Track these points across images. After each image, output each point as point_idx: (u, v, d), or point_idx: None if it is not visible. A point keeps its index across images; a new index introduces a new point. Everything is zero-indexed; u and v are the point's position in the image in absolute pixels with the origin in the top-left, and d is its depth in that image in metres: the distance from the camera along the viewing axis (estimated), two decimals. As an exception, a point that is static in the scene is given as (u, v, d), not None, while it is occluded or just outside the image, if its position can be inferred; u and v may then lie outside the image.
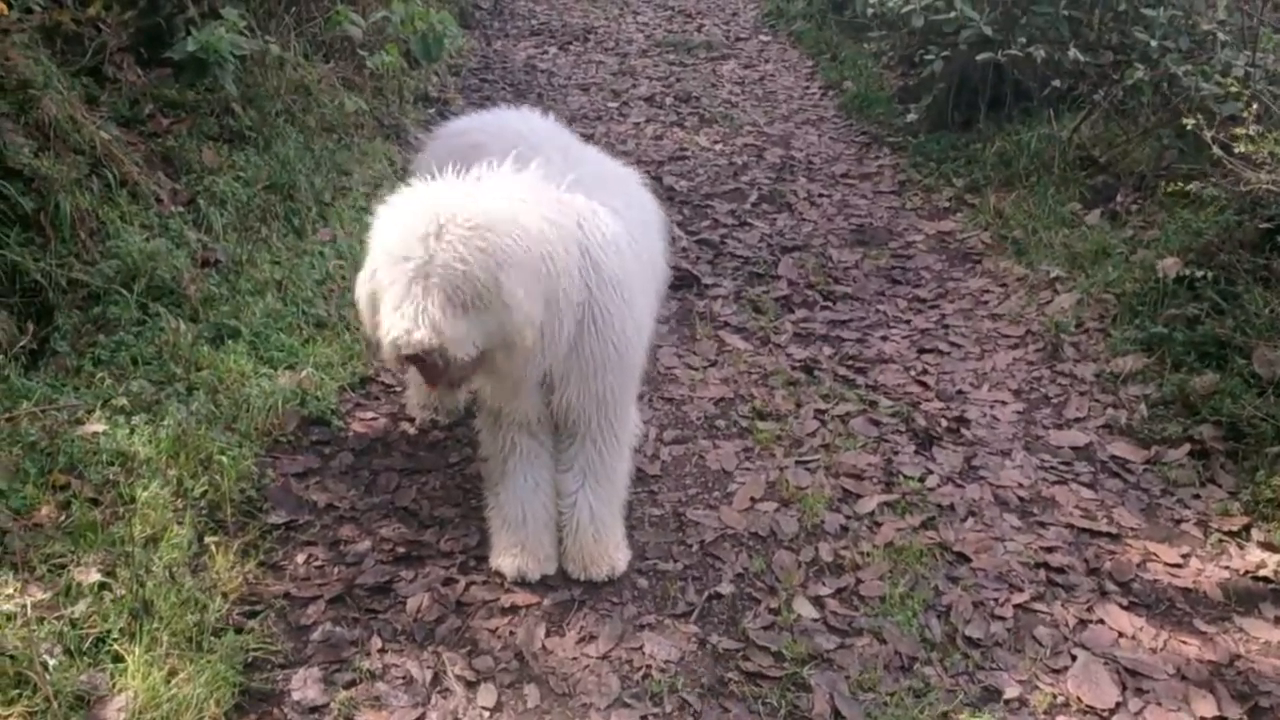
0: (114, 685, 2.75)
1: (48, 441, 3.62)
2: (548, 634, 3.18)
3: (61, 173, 4.84)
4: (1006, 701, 3.01)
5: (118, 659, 2.82)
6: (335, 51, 7.22)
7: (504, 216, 2.74)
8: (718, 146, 7.61)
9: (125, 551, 3.10)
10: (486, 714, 2.89)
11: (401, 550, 3.49)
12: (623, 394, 3.28)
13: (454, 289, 2.64)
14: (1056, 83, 6.05)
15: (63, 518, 3.33)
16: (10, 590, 2.93)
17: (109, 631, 2.88)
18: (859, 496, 3.86)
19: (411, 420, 4.21)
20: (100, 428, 3.74)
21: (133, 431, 3.74)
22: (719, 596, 3.36)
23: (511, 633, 3.18)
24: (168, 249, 4.82)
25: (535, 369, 2.98)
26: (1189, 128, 4.16)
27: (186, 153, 5.74)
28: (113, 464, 3.60)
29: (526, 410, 3.21)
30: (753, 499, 3.81)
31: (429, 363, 2.72)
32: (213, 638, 2.97)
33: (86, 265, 4.70)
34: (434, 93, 8.29)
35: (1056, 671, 3.14)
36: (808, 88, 9.11)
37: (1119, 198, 5.63)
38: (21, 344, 4.24)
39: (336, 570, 3.40)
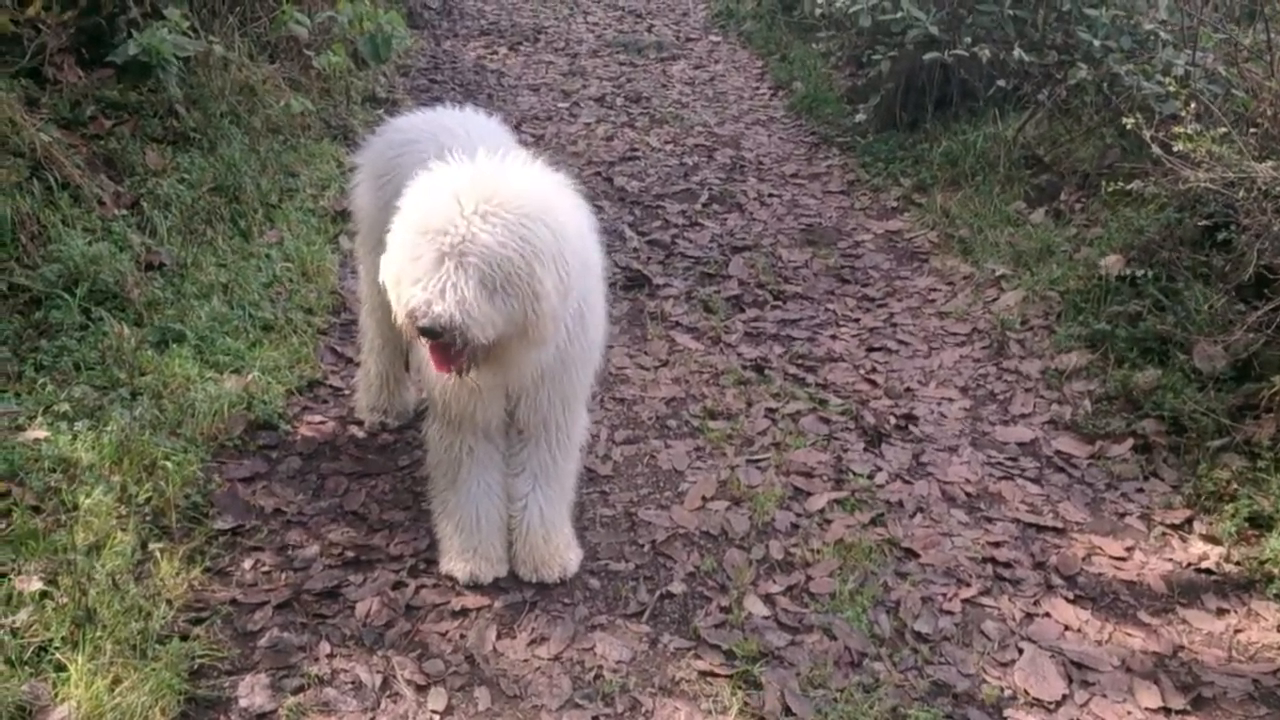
0: (56, 695, 2.71)
1: (-13, 449, 3.56)
2: (499, 636, 3.17)
3: (1, 176, 4.76)
4: (955, 695, 3.04)
5: (60, 668, 2.78)
6: (281, 52, 7.15)
7: (547, 206, 2.74)
8: (668, 147, 7.62)
9: (67, 559, 3.05)
10: (437, 717, 2.88)
11: (350, 554, 3.47)
12: (584, 392, 3.30)
13: (489, 270, 2.62)
14: (1002, 82, 6.12)
15: (3, 526, 3.27)
16: (-52, 599, 2.88)
17: (51, 640, 2.83)
18: (809, 494, 3.88)
19: (360, 423, 4.18)
20: (42, 434, 3.69)
21: (75, 438, 3.69)
22: (670, 596, 3.36)
23: (462, 636, 3.17)
24: (111, 252, 4.75)
25: (535, 364, 2.96)
26: (1129, 126, 4.21)
27: (129, 155, 5.66)
28: (55, 470, 3.55)
29: (489, 414, 3.19)
30: (704, 498, 3.82)
31: (444, 341, 2.69)
32: (157, 645, 2.93)
33: (27, 269, 4.62)
34: (382, 93, 8.22)
35: (1004, 665, 3.17)
36: (757, 88, 9.15)
37: (1063, 196, 5.70)
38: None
39: (284, 575, 3.37)
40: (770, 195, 6.76)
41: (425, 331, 2.67)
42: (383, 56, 7.15)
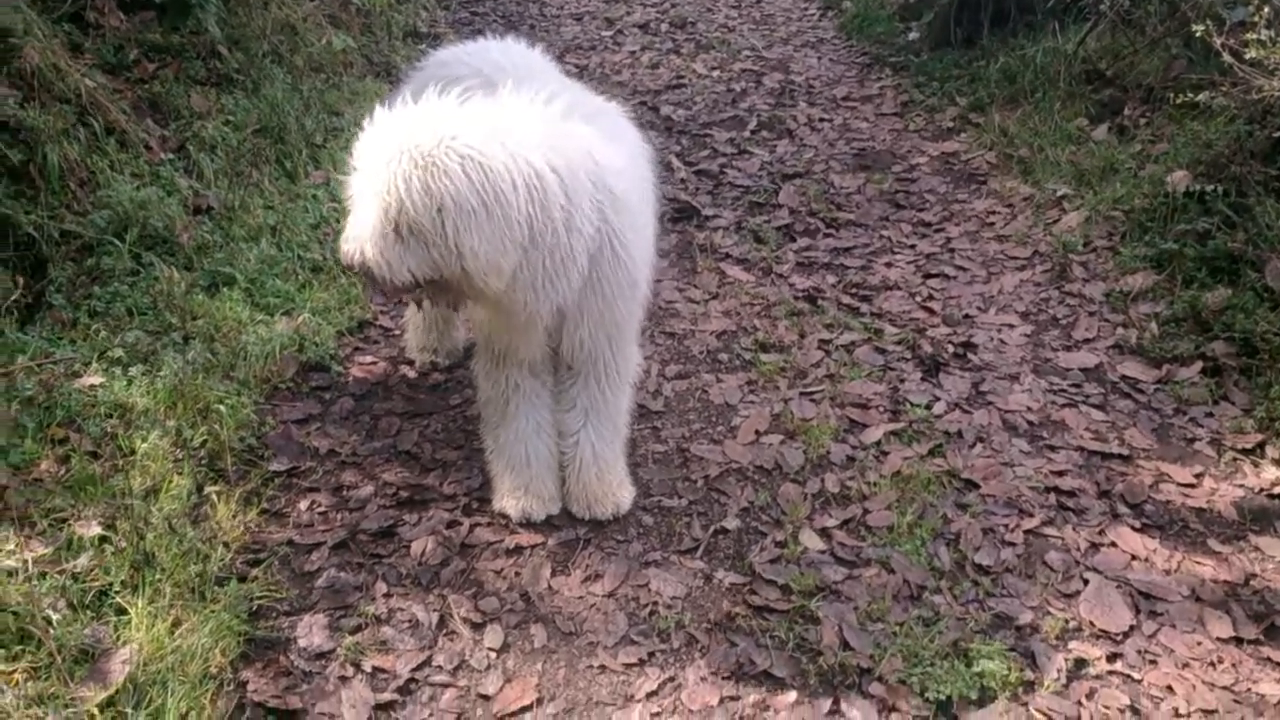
0: (118, 638, 2.73)
1: (45, 395, 3.58)
2: (553, 574, 3.16)
3: (48, 123, 4.76)
4: (1018, 628, 2.98)
5: (121, 611, 2.80)
6: (321, -13, 7.08)
7: (471, 158, 2.57)
8: (715, 73, 7.47)
9: (125, 504, 3.07)
10: (493, 655, 2.87)
11: (404, 494, 3.46)
12: (630, 327, 3.23)
13: (390, 215, 2.59)
14: (1061, -6, 5.90)
15: (62, 472, 3.30)
16: (11, 546, 2.90)
17: (111, 584, 2.85)
18: (865, 426, 3.80)
19: (411, 363, 4.16)
20: (97, 380, 3.70)
21: (130, 383, 3.70)
22: (725, 531, 3.33)
23: (517, 573, 3.15)
24: (159, 197, 4.74)
25: (548, 304, 2.88)
26: (1197, 35, 4.02)
27: (174, 98, 5.64)
28: (110, 416, 3.57)
29: (532, 350, 3.15)
30: (757, 432, 3.76)
31: (373, 279, 2.70)
32: (216, 587, 2.95)
33: (78, 216, 4.63)
34: (424, 27, 8.14)
35: (1068, 596, 3.10)
36: (806, 9, 8.94)
37: (1126, 111, 5.50)
38: (15, 298, 4.20)
39: (339, 516, 3.37)
40: (821, 120, 6.61)
41: (349, 269, 2.72)
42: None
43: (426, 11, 8.50)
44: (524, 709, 2.71)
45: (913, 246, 5.12)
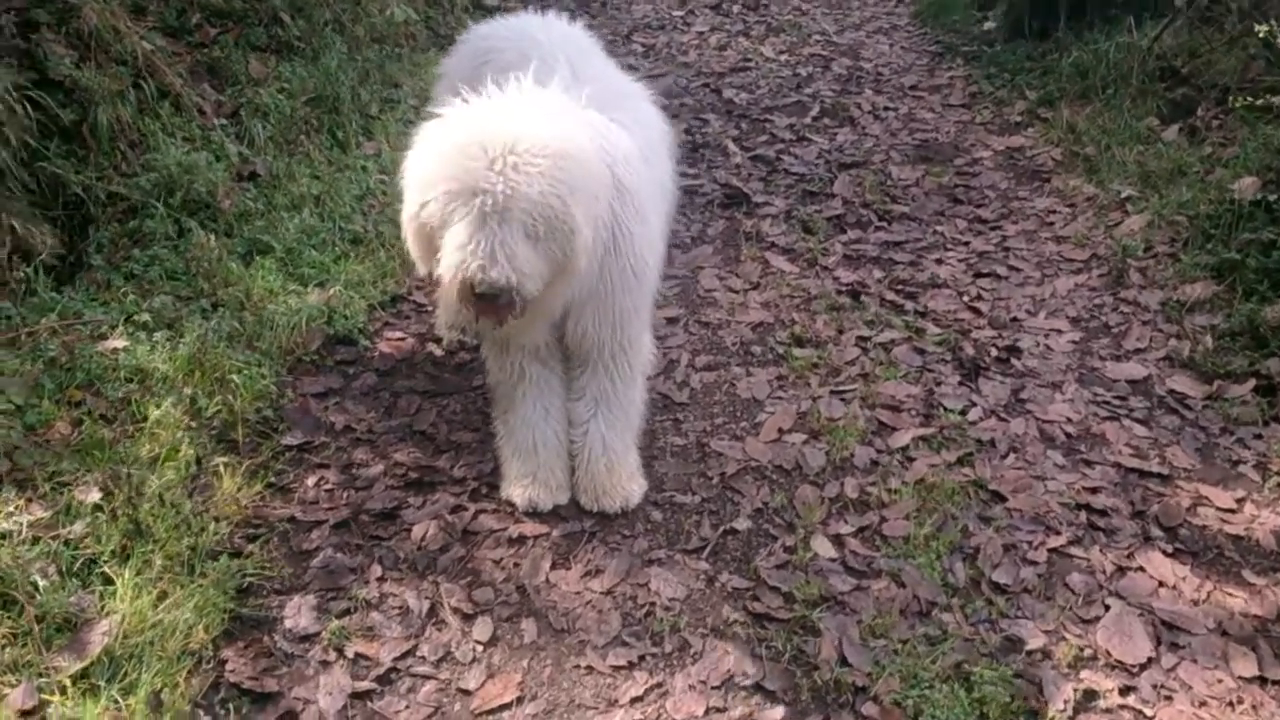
0: (102, 608, 2.72)
1: (67, 357, 3.59)
2: (553, 566, 3.09)
3: (102, 84, 4.78)
4: (1028, 653, 2.84)
5: (109, 581, 2.78)
6: (388, -44, 7.04)
7: (568, 142, 2.62)
8: (783, 57, 7.32)
9: (118, 472, 3.05)
10: (480, 648, 2.81)
11: (414, 475, 3.41)
12: (638, 318, 3.15)
13: (533, 222, 2.54)
14: (1136, -14, 5.65)
15: (74, 435, 3.30)
16: (11, 508, 2.91)
17: (101, 553, 2.84)
18: (894, 429, 3.67)
19: (439, 341, 4.12)
20: (121, 344, 3.70)
21: (153, 348, 3.70)
22: (734, 532, 3.23)
23: (516, 564, 3.09)
24: (207, 162, 4.75)
25: (563, 297, 2.85)
26: (1260, 35, 3.80)
27: (233, 64, 5.65)
28: (130, 381, 3.57)
29: (533, 337, 3.09)
30: (780, 430, 3.65)
31: (502, 301, 2.61)
32: (207, 561, 2.92)
33: (125, 178, 4.65)
34: (494, 1, 8.08)
35: (1087, 622, 2.95)
36: (884, -6, 8.72)
37: (1199, 112, 5.26)
38: (53, 256, 4.23)
39: (346, 494, 3.33)
40: (885, 108, 6.43)
41: (482, 296, 2.58)
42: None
43: (499, -17, 8.44)
44: (503, 707, 2.64)
45: (966, 244, 4.95)
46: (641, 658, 2.79)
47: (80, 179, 4.50)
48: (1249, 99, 4.15)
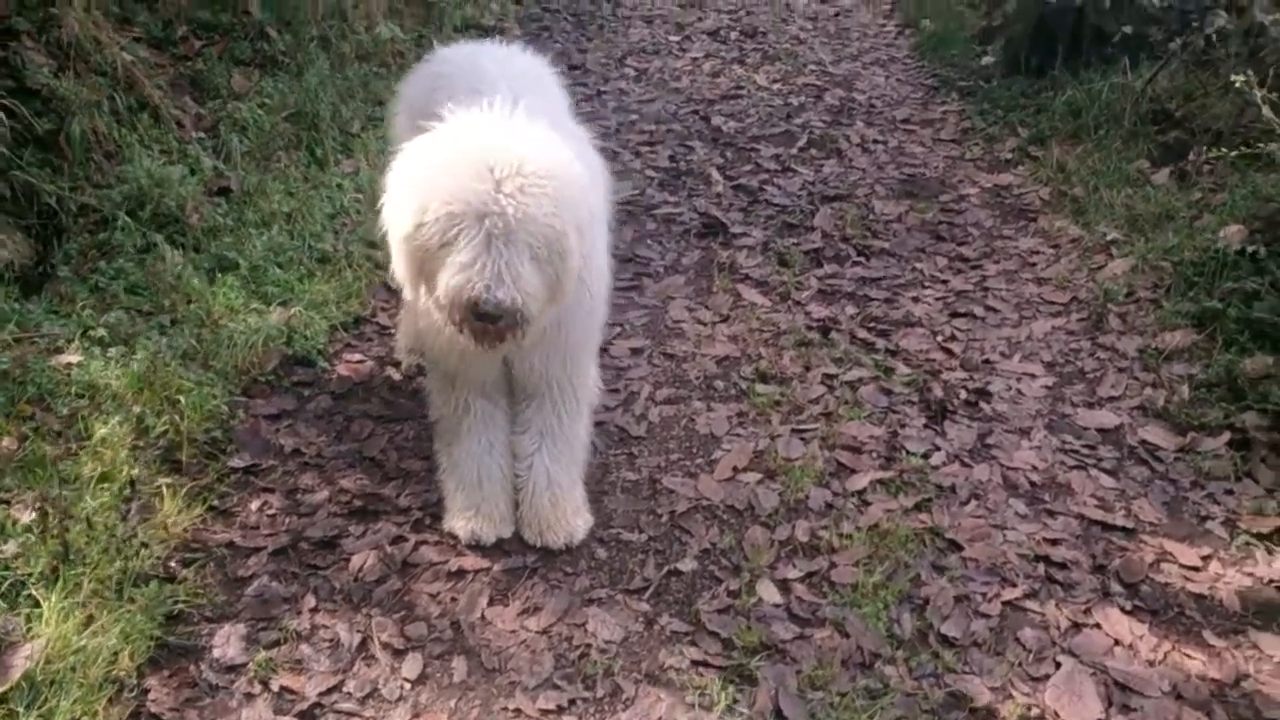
0: (27, 631, 2.65)
1: (20, 370, 3.54)
2: (490, 602, 3.01)
3: (80, 94, 4.75)
4: (973, 710, 2.75)
5: (36, 604, 2.72)
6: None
7: (567, 164, 2.61)
8: (776, 86, 7.27)
9: (50, 492, 2.98)
10: (407, 686, 2.73)
11: (358, 503, 3.34)
12: (587, 349, 3.10)
13: (537, 244, 2.51)
14: (1127, 28, 5.57)
15: (19, 450, 3.25)
16: (-55, 528, 2.85)
17: (30, 575, 2.77)
18: (853, 472, 3.59)
19: (397, 365, 4.06)
20: (75, 359, 3.65)
21: (106, 364, 3.64)
22: (678, 574, 3.14)
23: (453, 599, 3.01)
24: (181, 175, 4.71)
25: (547, 320, 2.80)
26: (1236, 85, 3.74)
27: (215, 77, 5.63)
28: (81, 397, 3.51)
29: (483, 373, 3.03)
30: (735, 468, 3.57)
31: (504, 323, 2.56)
32: (137, 587, 2.85)
33: (97, 189, 4.62)
34: (490, 21, 8.06)
35: (1036, 680, 2.86)
36: (884, 25, 8.70)
37: (1191, 156, 5.18)
38: (24, 265, 4.18)
39: (288, 520, 3.26)
40: (874, 141, 6.37)
41: (485, 317, 2.52)
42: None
43: (497, 5, 8.43)
44: (423, 749, 2.57)
45: (945, 282, 4.87)
46: (572, 701, 2.71)
47: (54, 189, 4.46)
48: (1241, 147, 4.06)
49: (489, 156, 2.48)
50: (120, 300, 4.07)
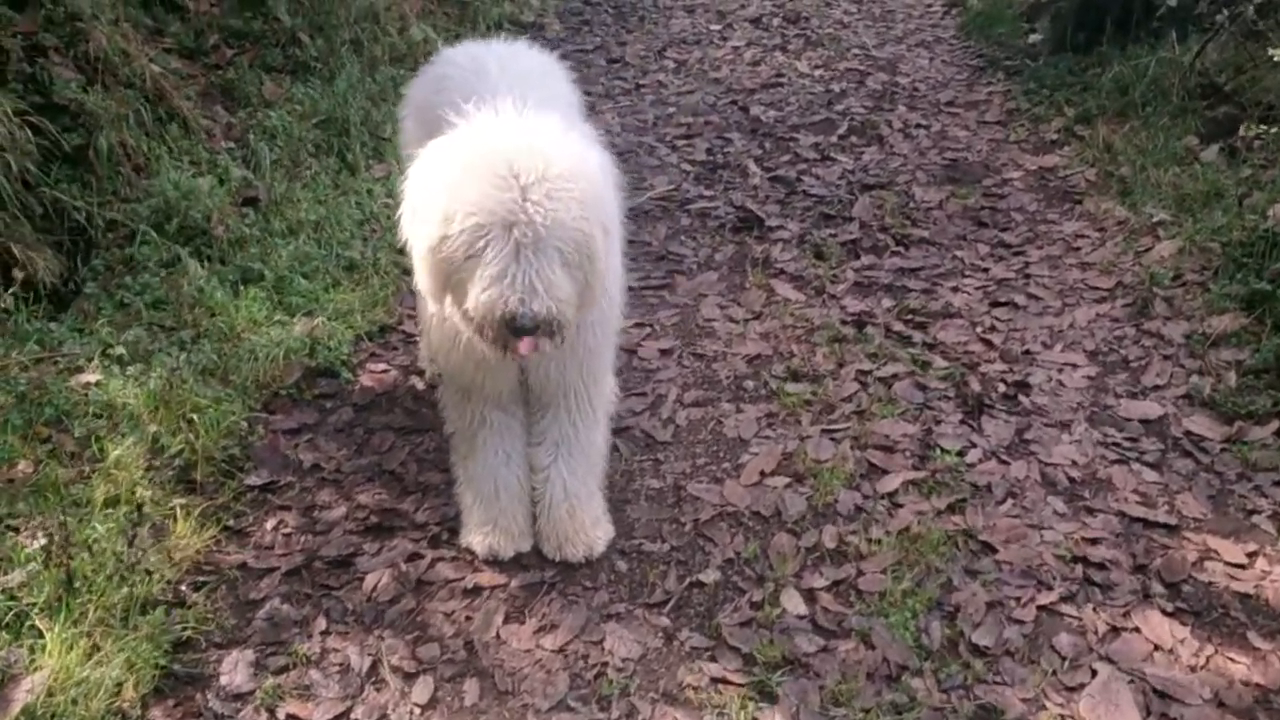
0: (31, 663, 2.63)
1: (38, 391, 3.53)
2: (506, 620, 2.94)
3: (108, 107, 4.75)
4: (1004, 724, 2.64)
5: (41, 634, 2.70)
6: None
7: (591, 166, 2.55)
8: (817, 72, 7.12)
9: (52, 518, 2.96)
10: (417, 711, 2.67)
11: (374, 520, 3.29)
12: (603, 356, 3.01)
13: (568, 249, 2.44)
14: (1174, 0, 5.35)
15: (35, 474, 3.24)
16: (-47, 555, 2.84)
17: (35, 604, 2.75)
18: (885, 472, 3.47)
19: (421, 373, 4.00)
20: (94, 378, 3.64)
21: (125, 383, 3.62)
22: (700, 585, 3.05)
23: (468, 618, 2.95)
24: (209, 187, 4.70)
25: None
26: (1274, 59, 3.55)
27: (246, 85, 5.62)
28: (99, 417, 3.50)
29: (499, 385, 2.95)
30: (762, 472, 3.47)
31: (541, 332, 2.49)
32: (143, 613, 2.82)
33: (125, 203, 4.62)
34: (529, 17, 7.99)
35: (1071, 689, 2.73)
36: (930, 5, 8.49)
37: (1241, 131, 4.96)
38: (54, 282, 4.19)
39: (302, 540, 3.22)
40: (917, 126, 6.21)
41: (521, 331, 2.44)
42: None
43: (537, 0, 8.35)
44: (430, 776, 2.52)
45: (986, 270, 4.72)
46: (584, 724, 2.64)
47: (83, 204, 4.46)
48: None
49: (511, 161, 2.40)
50: (142, 316, 4.05)
